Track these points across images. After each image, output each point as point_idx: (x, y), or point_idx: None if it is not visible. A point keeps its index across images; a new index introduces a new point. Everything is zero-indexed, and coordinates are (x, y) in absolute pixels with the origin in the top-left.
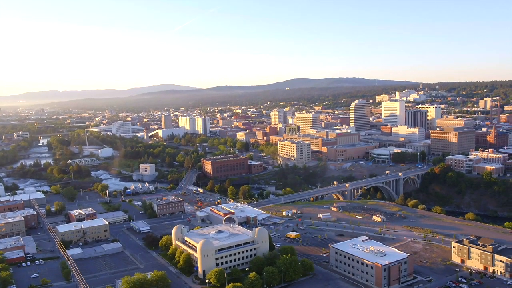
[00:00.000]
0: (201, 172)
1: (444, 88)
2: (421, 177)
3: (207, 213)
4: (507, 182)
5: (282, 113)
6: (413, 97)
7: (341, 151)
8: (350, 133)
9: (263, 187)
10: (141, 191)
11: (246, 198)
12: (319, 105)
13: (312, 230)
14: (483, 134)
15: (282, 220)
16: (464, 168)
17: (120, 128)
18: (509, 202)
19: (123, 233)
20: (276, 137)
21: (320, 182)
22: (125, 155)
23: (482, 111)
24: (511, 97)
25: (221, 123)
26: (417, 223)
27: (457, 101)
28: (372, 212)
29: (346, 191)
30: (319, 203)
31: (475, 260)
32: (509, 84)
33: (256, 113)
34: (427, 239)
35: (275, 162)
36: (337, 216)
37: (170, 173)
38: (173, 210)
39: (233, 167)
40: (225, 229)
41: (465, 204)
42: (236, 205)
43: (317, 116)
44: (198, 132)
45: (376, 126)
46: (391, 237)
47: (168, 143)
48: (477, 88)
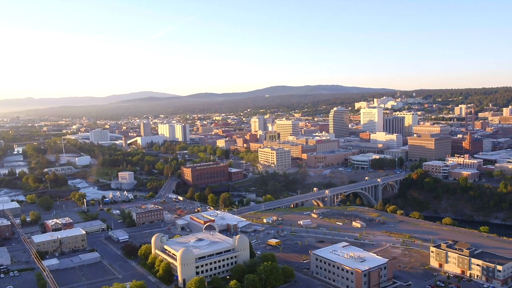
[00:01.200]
0: (181, 180)
1: (420, 96)
2: (399, 183)
3: (187, 221)
4: (482, 187)
5: (262, 120)
6: (391, 104)
7: (320, 158)
8: (329, 140)
9: (244, 194)
10: (119, 199)
11: (226, 205)
12: (299, 112)
13: (293, 237)
14: (458, 140)
15: (263, 227)
16: (440, 174)
17: (98, 135)
18: (484, 206)
19: (101, 242)
20: (256, 144)
21: (300, 189)
22: (103, 163)
23: (457, 117)
24: (484, 104)
25: (201, 131)
26: (396, 229)
27: (433, 108)
28: (352, 218)
29: (326, 198)
30: (299, 210)
31: (452, 264)
32: (482, 91)
33: (236, 120)
34: (405, 244)
35: (256, 169)
36: (318, 223)
37: (149, 181)
38: (152, 218)
39: (213, 175)
40: (205, 237)
41: (442, 209)
42: (216, 213)
43: (297, 123)
44: (177, 139)
45: (355, 133)
46: (371, 242)
47: (147, 151)
48: (452, 96)
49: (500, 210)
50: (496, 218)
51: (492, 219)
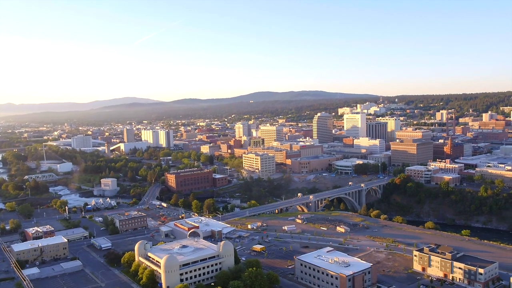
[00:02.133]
0: (165, 186)
1: (402, 101)
2: (382, 188)
3: (171, 228)
4: (463, 191)
5: (246, 126)
6: (374, 109)
7: (305, 163)
8: (313, 145)
9: (228, 200)
10: (102, 206)
11: (210, 211)
12: (283, 118)
13: (277, 242)
14: (440, 145)
15: (247, 233)
16: (423, 178)
17: (80, 142)
18: (465, 210)
19: (83, 250)
20: (240, 150)
21: (285, 194)
22: (85, 170)
23: (438, 123)
24: (465, 110)
25: (185, 136)
26: (380, 233)
27: (415, 113)
28: (336, 223)
29: (311, 203)
30: (284, 215)
31: (435, 267)
32: (463, 97)
33: (220, 126)
34: (389, 248)
35: (240, 175)
36: (302, 228)
37: (133, 188)
38: (135, 225)
39: (198, 181)
40: (189, 243)
41: (424, 213)
42: (200, 219)
43: (281, 128)
44: (161, 145)
45: (339, 138)
46: (355, 247)
47: (131, 157)
48: (433, 101)
49: (481, 214)
50: (477, 221)
51: (473, 223)
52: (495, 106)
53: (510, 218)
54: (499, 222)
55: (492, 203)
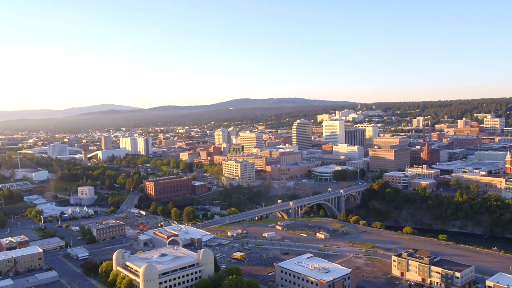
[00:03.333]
0: (144, 194)
1: (380, 108)
2: (361, 194)
3: (150, 236)
4: (440, 196)
5: (226, 133)
6: (352, 116)
7: (284, 170)
8: (293, 152)
9: (208, 207)
10: (79, 215)
11: (190, 219)
12: (262, 125)
13: (258, 249)
14: (417, 151)
15: (227, 240)
16: (400, 184)
17: (57, 149)
18: (442, 215)
19: (59, 260)
20: (220, 157)
21: (265, 201)
22: (61, 178)
23: (415, 129)
24: (440, 116)
25: (163, 144)
26: (359, 239)
27: (393, 120)
28: (316, 229)
29: (290, 209)
30: (264, 222)
31: (413, 272)
32: (438, 104)
33: (199, 133)
34: (368, 254)
35: (220, 182)
36: (282, 235)
37: (111, 196)
38: (113, 234)
39: (177, 188)
40: (168, 252)
41: (402, 219)
42: (180, 227)
43: (261, 135)
44: (140, 153)
45: (318, 145)
46: (335, 253)
47: (108, 165)
48: (410, 108)
49: (457, 219)
50: (454, 226)
51: (450, 227)
52: (469, 113)
53: (485, 222)
54: (474, 226)
55: (468, 208)
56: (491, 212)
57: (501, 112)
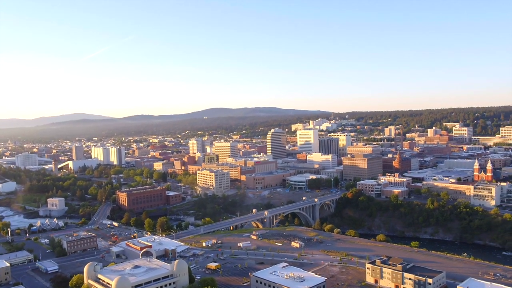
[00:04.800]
0: (116, 204)
1: (353, 117)
2: (335, 202)
3: (123, 248)
4: (412, 204)
5: (200, 142)
6: (326, 125)
7: (259, 179)
8: (267, 161)
9: (182, 218)
10: (48, 227)
11: (164, 230)
12: (237, 134)
13: (233, 259)
14: (389, 160)
15: (202, 251)
16: (373, 192)
17: (25, 160)
18: (414, 222)
19: (27, 275)
20: (194, 167)
21: (240, 211)
22: (30, 189)
23: (387, 138)
24: (411, 126)
25: (137, 153)
26: (333, 247)
27: (365, 129)
28: (291, 238)
29: (265, 219)
30: (239, 232)
31: (387, 279)
32: (409, 113)
33: (173, 143)
34: (343, 262)
35: (194, 192)
36: (257, 244)
37: (82, 207)
38: (85, 246)
39: (150, 199)
40: (142, 263)
41: (376, 226)
42: (153, 238)
43: (235, 145)
44: (112, 163)
45: (292, 154)
46: (310, 262)
47: (80, 175)
48: (382, 117)
49: (429, 225)
50: (425, 233)
51: (422, 234)
52: (439, 122)
53: (455, 229)
54: (445, 233)
55: (439, 215)
56: (461, 219)
57: (469, 121)
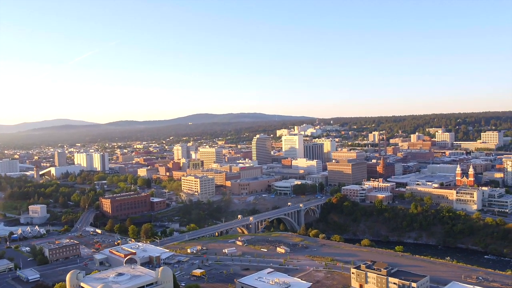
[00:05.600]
0: (99, 211)
1: (337, 123)
2: (320, 207)
3: (106, 255)
4: (396, 208)
5: (185, 148)
6: (310, 131)
7: (244, 185)
8: (252, 166)
9: (167, 224)
10: (30, 235)
11: (148, 237)
12: (222, 140)
13: (218, 266)
14: (373, 165)
15: (187, 257)
16: (358, 197)
17: (6, 166)
18: (398, 227)
19: (7, 284)
20: (179, 173)
21: (225, 217)
22: (11, 196)
23: (371, 144)
24: (395, 131)
25: (121, 159)
26: (319, 252)
27: (350, 135)
28: (276, 244)
29: (251, 224)
30: (224, 238)
31: (371, 284)
32: (392, 119)
33: (158, 149)
34: (328, 267)
35: (179, 198)
36: (242, 250)
37: (64, 214)
38: (67, 254)
39: (134, 205)
40: (125, 271)
41: (360, 231)
42: (137, 245)
43: (220, 150)
44: (96, 169)
45: (277, 160)
46: (295, 267)
47: (62, 182)
48: (366, 123)
49: (412, 230)
50: (409, 237)
51: (406, 239)
52: (422, 127)
53: (438, 233)
54: (428, 237)
55: (422, 219)
56: (444, 223)
57: (451, 126)
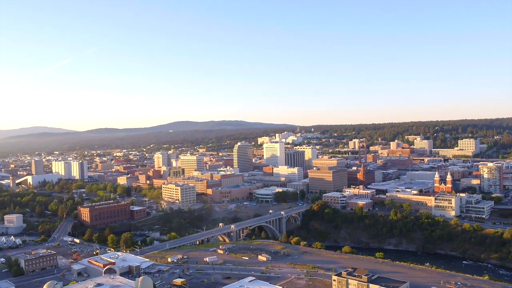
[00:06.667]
0: (78, 220)
1: (318, 131)
2: (301, 215)
3: (85, 265)
4: (376, 215)
5: (165, 156)
6: (292, 139)
7: (226, 193)
8: (234, 174)
9: (147, 233)
10: (5, 246)
11: (128, 246)
12: (203, 148)
13: (199, 275)
14: (353, 172)
15: (167, 266)
16: (339, 204)
17: None
18: (378, 234)
19: None
20: (160, 181)
21: (206, 225)
22: None
23: (351, 151)
24: (374, 139)
25: (100, 168)
26: (300, 260)
27: (330, 142)
28: (258, 252)
29: (232, 233)
30: (205, 247)
31: None
32: (372, 127)
33: (138, 157)
34: (309, 274)
35: (159, 206)
36: (224, 259)
37: (41, 224)
38: (44, 265)
39: (114, 214)
40: (105, 281)
41: (341, 238)
42: (117, 255)
43: (202, 158)
44: (74, 177)
45: (259, 167)
46: (276, 275)
47: (40, 191)
48: (346, 131)
49: (392, 237)
50: (389, 244)
51: (386, 245)
52: (401, 135)
53: (417, 239)
54: (408, 243)
55: (402, 226)
56: (423, 229)
57: (429, 134)
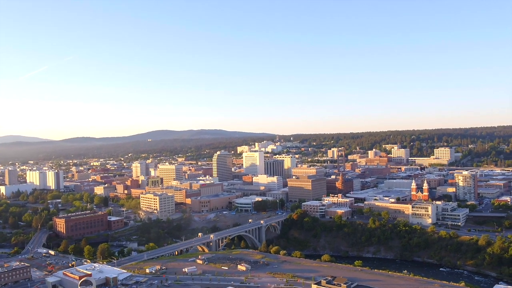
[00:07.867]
0: (53, 231)
1: (297, 140)
2: (281, 224)
3: (60, 278)
4: (355, 223)
5: (144, 165)
6: (271, 148)
7: (205, 202)
8: (213, 183)
9: (124, 243)
10: None
11: (105, 257)
12: (182, 157)
13: (178, 285)
14: (332, 181)
15: (145, 277)
16: (318, 213)
17: None
18: (357, 242)
19: None
20: (138, 190)
21: (185, 235)
22: None
23: (330, 160)
24: (353, 147)
25: (76, 177)
26: (280, 269)
27: (309, 151)
28: (237, 262)
29: (211, 242)
30: (184, 257)
31: None
32: (350, 136)
33: (116, 166)
34: (289, 283)
35: (137, 216)
36: (203, 269)
37: (15, 235)
38: (17, 278)
39: (90, 224)
40: None
41: (321, 247)
42: (93, 266)
43: (181, 167)
44: (49, 187)
45: (238, 176)
46: (256, 285)
47: (13, 201)
48: (325, 140)
49: (371, 245)
50: (368, 252)
51: (365, 253)
52: (379, 144)
53: (395, 247)
54: (386, 251)
55: (380, 234)
56: (401, 237)
57: (406, 143)
